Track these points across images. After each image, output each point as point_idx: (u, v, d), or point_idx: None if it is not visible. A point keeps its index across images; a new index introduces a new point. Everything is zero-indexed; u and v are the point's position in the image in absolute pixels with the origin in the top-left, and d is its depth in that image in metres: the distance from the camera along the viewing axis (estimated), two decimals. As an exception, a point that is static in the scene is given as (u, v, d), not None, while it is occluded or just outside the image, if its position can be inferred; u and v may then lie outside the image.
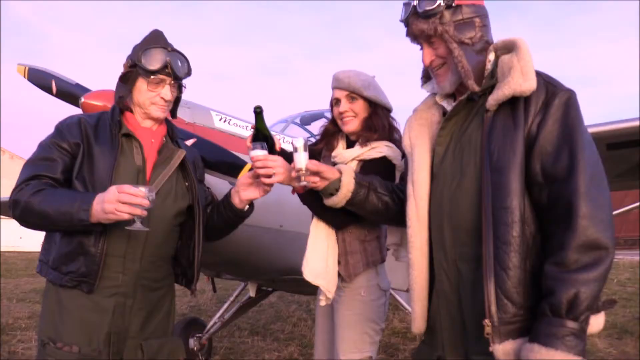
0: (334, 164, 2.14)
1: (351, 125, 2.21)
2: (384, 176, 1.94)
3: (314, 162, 1.75)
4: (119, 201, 1.57)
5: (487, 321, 1.33)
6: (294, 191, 2.00)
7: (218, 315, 4.58)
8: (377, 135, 2.16)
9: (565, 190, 1.31)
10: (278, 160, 1.83)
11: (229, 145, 2.58)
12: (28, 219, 1.71)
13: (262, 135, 1.88)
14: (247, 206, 1.99)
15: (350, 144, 2.27)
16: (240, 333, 5.95)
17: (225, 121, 2.99)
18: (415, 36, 1.59)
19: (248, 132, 3.19)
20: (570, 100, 1.38)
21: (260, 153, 1.83)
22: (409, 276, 1.60)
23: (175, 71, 1.83)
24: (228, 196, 1.99)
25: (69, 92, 2.87)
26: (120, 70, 1.91)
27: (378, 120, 2.19)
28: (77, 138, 1.78)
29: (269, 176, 1.82)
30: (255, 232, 2.81)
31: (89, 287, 1.74)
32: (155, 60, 1.81)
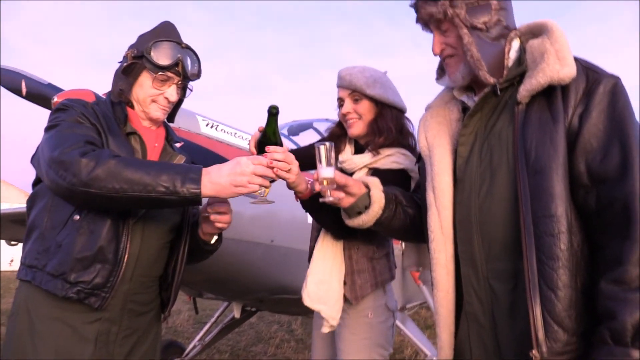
0: (342, 170, 1.91)
1: (356, 128, 1.99)
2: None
3: (341, 173, 1.50)
4: (255, 174, 1.43)
5: (534, 352, 1.13)
6: (297, 197, 1.76)
7: (198, 337, 4.32)
8: (383, 138, 1.93)
9: (619, 192, 1.13)
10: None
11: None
12: (106, 184, 1.38)
13: (270, 141, 1.60)
14: (216, 237, 1.76)
15: (358, 148, 2.06)
16: (220, 356, 5.67)
17: (212, 127, 2.78)
18: (425, 22, 1.42)
19: (235, 140, 2.99)
20: (616, 88, 1.20)
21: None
22: (433, 298, 1.40)
23: (187, 70, 1.65)
24: (195, 223, 1.76)
25: (40, 94, 2.62)
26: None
27: (383, 122, 1.95)
28: (96, 122, 1.57)
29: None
30: (245, 247, 2.59)
31: (100, 302, 1.50)
32: (167, 56, 1.62)
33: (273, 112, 1.61)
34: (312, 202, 1.72)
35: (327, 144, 1.47)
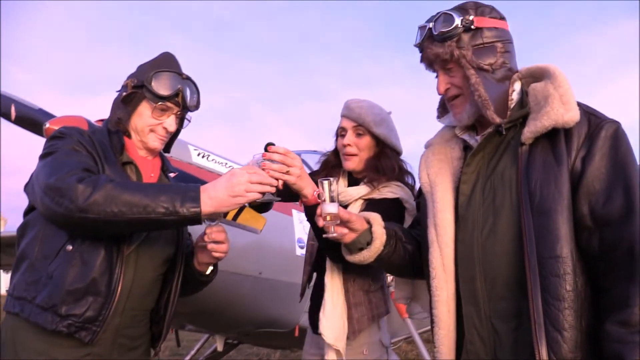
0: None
1: (351, 163, 1.97)
2: (394, 219, 1.73)
3: (344, 209, 1.48)
4: (250, 182, 1.43)
5: None
6: (301, 202, 1.71)
7: (177, 370, 4.19)
8: (386, 178, 1.93)
9: (623, 234, 1.15)
10: None
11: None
12: (104, 209, 1.35)
13: None
14: (211, 267, 1.73)
15: (351, 180, 2.04)
16: (197, 390, 5.47)
17: (203, 157, 2.76)
18: (430, 61, 1.44)
19: (226, 170, 2.97)
20: (618, 132, 1.24)
21: None
22: (434, 336, 1.38)
23: (186, 101, 1.65)
24: (189, 254, 1.74)
25: (30, 119, 2.57)
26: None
27: (387, 162, 1.94)
28: (92, 150, 1.54)
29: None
30: (232, 280, 2.54)
31: (91, 336, 1.44)
32: (167, 86, 1.62)
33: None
34: (316, 209, 1.62)
35: (331, 179, 1.46)
